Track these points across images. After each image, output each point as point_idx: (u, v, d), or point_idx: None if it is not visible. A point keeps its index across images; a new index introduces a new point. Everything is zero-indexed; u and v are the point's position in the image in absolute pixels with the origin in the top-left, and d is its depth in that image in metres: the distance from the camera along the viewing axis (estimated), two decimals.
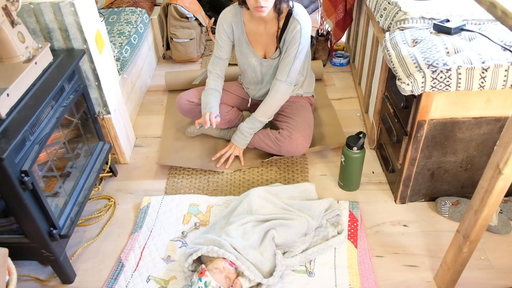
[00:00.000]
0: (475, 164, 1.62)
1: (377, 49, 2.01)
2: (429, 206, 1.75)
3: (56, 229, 1.39)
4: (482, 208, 1.15)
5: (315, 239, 1.59)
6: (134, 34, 2.38)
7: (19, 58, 1.37)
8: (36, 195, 1.29)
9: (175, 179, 1.95)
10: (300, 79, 2.02)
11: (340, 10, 2.52)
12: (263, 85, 2.02)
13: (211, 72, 1.97)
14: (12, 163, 1.18)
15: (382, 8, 1.80)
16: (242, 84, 2.15)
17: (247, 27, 1.86)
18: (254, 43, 1.89)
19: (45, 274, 1.55)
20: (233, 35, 1.90)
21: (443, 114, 1.47)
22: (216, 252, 1.40)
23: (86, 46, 1.62)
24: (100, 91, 1.76)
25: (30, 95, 1.35)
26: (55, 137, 1.52)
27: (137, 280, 1.50)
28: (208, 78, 1.99)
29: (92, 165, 1.73)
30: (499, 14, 0.93)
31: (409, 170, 1.64)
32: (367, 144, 2.07)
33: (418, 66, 1.37)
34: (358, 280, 1.45)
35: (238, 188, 1.88)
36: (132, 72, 2.34)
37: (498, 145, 1.05)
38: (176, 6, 2.69)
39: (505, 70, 1.32)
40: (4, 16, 1.31)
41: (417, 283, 1.47)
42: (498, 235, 1.61)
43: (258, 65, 1.93)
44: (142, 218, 1.73)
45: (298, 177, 1.92)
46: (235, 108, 2.10)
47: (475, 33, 1.51)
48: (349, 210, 1.71)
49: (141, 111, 2.44)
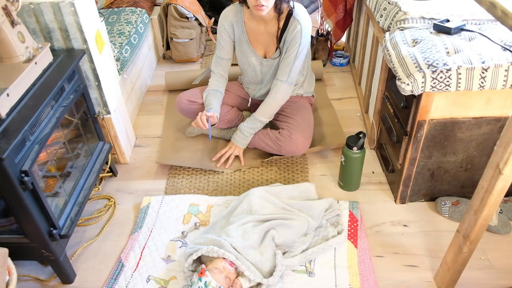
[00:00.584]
0: (475, 164, 1.62)
1: (377, 49, 2.01)
2: (429, 206, 1.75)
3: (56, 229, 1.39)
4: (482, 208, 1.15)
5: (315, 239, 1.59)
6: (134, 34, 2.38)
7: (19, 58, 1.37)
8: (36, 195, 1.29)
9: (175, 179, 1.94)
10: (300, 79, 2.02)
11: (340, 10, 2.52)
12: (263, 85, 2.02)
13: (214, 72, 1.98)
14: (12, 163, 1.18)
15: (382, 8, 1.80)
16: (242, 84, 2.15)
17: (247, 26, 1.86)
18: (254, 42, 1.89)
19: (45, 274, 1.55)
20: (233, 34, 1.90)
21: (443, 114, 1.47)
22: (216, 252, 1.40)
23: (86, 46, 1.62)
24: (100, 91, 1.76)
25: (30, 95, 1.35)
26: (55, 137, 1.52)
27: (137, 280, 1.50)
28: (211, 77, 1.99)
29: (92, 165, 1.73)
30: (499, 14, 0.93)
31: (409, 170, 1.64)
32: (367, 144, 2.07)
33: (418, 66, 1.37)
34: (358, 280, 1.45)
35: (238, 188, 1.88)
36: (132, 72, 2.34)
37: (498, 145, 1.05)
38: (176, 6, 2.69)
39: (505, 70, 1.32)
40: (4, 16, 1.31)
41: (417, 283, 1.47)
42: (498, 235, 1.61)
43: (258, 64, 1.93)
44: (142, 218, 1.73)
45: (298, 177, 1.92)
46: (235, 108, 2.10)
47: (475, 33, 1.51)
48: (349, 210, 1.71)
49: (141, 111, 2.44)
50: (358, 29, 2.56)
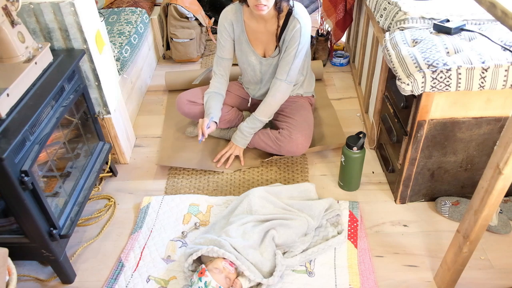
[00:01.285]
0: (475, 164, 1.62)
1: (377, 49, 2.01)
2: (429, 206, 1.75)
3: (56, 229, 1.39)
4: (482, 208, 1.15)
5: (315, 239, 1.59)
6: (134, 34, 2.38)
7: (19, 58, 1.37)
8: (36, 195, 1.29)
9: (175, 179, 1.94)
10: (300, 78, 2.02)
11: (340, 10, 2.52)
12: (262, 85, 2.02)
13: (215, 73, 1.98)
14: (12, 163, 1.18)
15: (382, 8, 1.80)
16: (242, 84, 2.15)
17: (247, 25, 1.86)
18: (254, 41, 1.89)
19: (45, 274, 1.55)
20: (233, 33, 1.90)
21: (443, 114, 1.47)
22: (216, 252, 1.40)
23: (86, 46, 1.62)
24: (100, 91, 1.76)
25: (30, 95, 1.35)
26: (55, 137, 1.52)
27: (137, 280, 1.50)
28: (212, 79, 1.99)
29: (92, 165, 1.73)
30: (499, 14, 0.93)
31: (409, 170, 1.64)
32: (367, 144, 2.07)
33: (418, 66, 1.37)
34: (358, 280, 1.45)
35: (238, 188, 1.88)
36: (132, 72, 2.34)
37: (498, 145, 1.05)
38: (176, 6, 2.69)
39: (505, 70, 1.32)
40: (4, 16, 1.31)
41: (417, 283, 1.47)
42: (498, 235, 1.61)
43: (258, 63, 1.94)
44: (142, 218, 1.73)
45: (298, 177, 1.92)
46: (235, 108, 2.10)
47: (475, 33, 1.51)
48: (349, 210, 1.71)
49: (141, 111, 2.44)
50: (358, 29, 2.56)
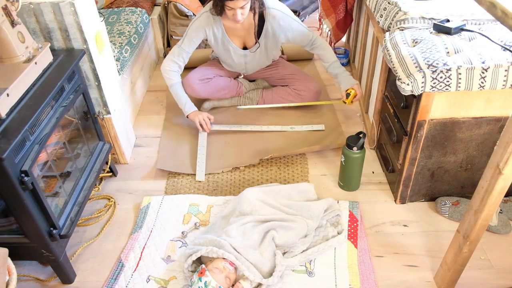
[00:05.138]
0: (475, 164, 1.62)
1: (377, 49, 2.01)
2: (429, 206, 1.75)
3: (56, 229, 1.39)
4: (482, 208, 1.15)
5: (315, 239, 1.59)
6: (134, 34, 2.37)
7: (19, 58, 1.37)
8: (36, 195, 1.29)
9: (175, 179, 1.94)
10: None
11: (340, 10, 2.52)
12: (248, 69, 2.29)
13: (175, 63, 2.09)
14: (12, 163, 1.18)
15: (382, 8, 1.80)
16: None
17: (226, 26, 2.05)
18: (233, 37, 2.10)
19: (45, 274, 1.55)
20: (212, 37, 2.06)
21: (443, 114, 1.47)
22: (215, 253, 1.40)
23: (86, 46, 1.62)
24: (100, 91, 1.76)
25: (30, 95, 1.35)
26: (55, 137, 1.52)
27: (137, 280, 1.50)
28: (170, 70, 2.09)
29: (92, 165, 1.73)
30: (499, 14, 0.93)
31: (409, 170, 1.64)
32: (367, 144, 2.07)
33: (418, 66, 1.37)
34: (358, 280, 1.45)
35: (238, 188, 1.88)
36: (132, 72, 2.34)
37: (498, 145, 1.05)
38: (175, 4, 2.70)
39: (505, 70, 1.32)
40: (4, 16, 1.31)
41: (417, 283, 1.47)
42: (498, 235, 1.61)
43: (243, 57, 2.19)
44: (142, 218, 1.73)
45: (298, 177, 1.92)
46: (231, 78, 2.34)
47: (475, 33, 1.51)
48: (349, 210, 1.71)
49: (141, 111, 2.44)
50: (358, 29, 2.56)
